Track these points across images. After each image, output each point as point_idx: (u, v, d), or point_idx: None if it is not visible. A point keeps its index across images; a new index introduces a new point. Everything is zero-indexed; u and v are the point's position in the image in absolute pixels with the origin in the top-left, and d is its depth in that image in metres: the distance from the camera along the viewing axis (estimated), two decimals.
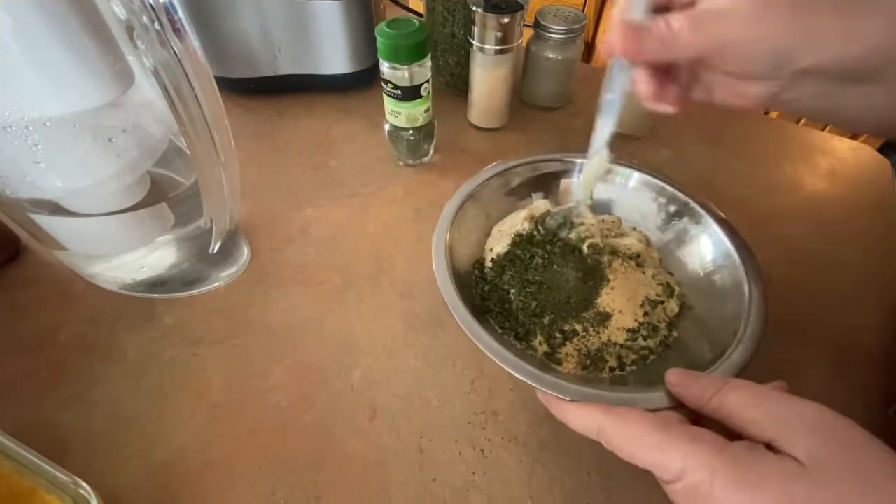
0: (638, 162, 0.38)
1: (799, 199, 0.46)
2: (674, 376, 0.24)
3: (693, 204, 0.35)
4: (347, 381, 0.33)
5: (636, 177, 0.38)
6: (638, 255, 0.35)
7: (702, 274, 0.34)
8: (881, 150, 0.52)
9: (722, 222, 0.33)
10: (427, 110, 0.44)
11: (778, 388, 0.25)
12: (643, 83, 0.23)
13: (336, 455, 0.30)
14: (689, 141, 0.53)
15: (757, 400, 0.20)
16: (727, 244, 0.32)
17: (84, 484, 0.25)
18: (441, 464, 0.29)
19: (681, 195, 0.36)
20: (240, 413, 0.31)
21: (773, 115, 0.70)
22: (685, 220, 0.35)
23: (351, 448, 0.30)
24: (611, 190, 0.39)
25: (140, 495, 0.28)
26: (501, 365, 0.26)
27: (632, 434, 0.21)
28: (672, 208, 0.36)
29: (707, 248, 0.34)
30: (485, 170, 0.37)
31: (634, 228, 0.38)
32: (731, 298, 0.30)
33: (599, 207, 0.39)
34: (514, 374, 0.26)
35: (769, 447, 0.18)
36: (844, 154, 0.51)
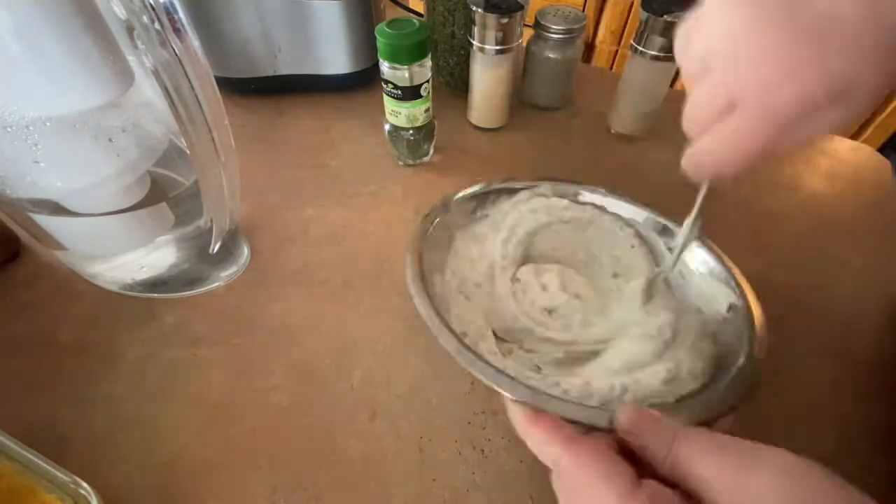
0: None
1: (799, 199, 0.46)
2: (627, 419, 0.20)
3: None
4: (347, 381, 0.33)
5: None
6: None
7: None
8: (881, 150, 0.52)
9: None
10: (427, 110, 0.44)
11: (726, 425, 0.23)
12: None
13: (336, 455, 0.30)
14: (688, 141, 0.53)
15: (710, 461, 0.17)
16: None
17: (84, 484, 0.25)
18: (441, 464, 0.29)
19: None
20: (240, 413, 0.31)
21: None
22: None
23: (351, 448, 0.30)
24: None
25: (140, 495, 0.28)
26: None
27: (586, 481, 0.19)
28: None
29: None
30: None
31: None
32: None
33: None
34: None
35: None
36: (844, 154, 0.51)
